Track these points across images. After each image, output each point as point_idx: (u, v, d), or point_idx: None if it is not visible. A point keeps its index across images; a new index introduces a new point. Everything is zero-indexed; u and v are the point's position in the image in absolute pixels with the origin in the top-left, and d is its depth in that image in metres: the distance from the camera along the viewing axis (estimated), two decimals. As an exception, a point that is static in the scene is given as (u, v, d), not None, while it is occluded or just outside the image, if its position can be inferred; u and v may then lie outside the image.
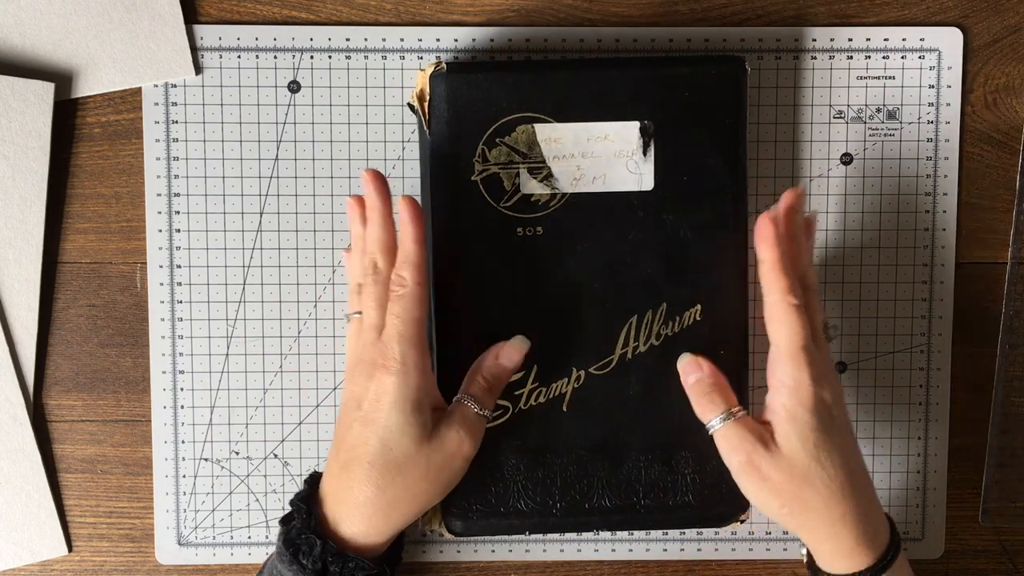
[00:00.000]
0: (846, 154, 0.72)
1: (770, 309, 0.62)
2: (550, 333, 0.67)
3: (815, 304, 0.63)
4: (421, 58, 0.71)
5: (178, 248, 0.71)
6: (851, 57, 0.71)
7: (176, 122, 0.71)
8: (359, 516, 0.62)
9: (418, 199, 0.65)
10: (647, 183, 0.67)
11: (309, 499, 0.63)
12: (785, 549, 0.74)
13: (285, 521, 0.63)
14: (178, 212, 0.71)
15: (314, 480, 0.65)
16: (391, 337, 0.61)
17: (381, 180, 0.64)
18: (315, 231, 0.71)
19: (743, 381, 0.69)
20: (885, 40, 0.71)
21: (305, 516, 0.62)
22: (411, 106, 0.68)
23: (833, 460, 0.61)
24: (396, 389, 0.61)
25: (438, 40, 0.71)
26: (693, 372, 0.65)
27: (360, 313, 0.64)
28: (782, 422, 0.61)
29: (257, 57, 0.71)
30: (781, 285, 0.61)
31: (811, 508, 0.62)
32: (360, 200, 0.66)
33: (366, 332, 0.63)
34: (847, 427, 0.63)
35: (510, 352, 0.65)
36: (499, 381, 0.65)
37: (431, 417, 0.62)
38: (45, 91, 0.69)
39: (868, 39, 0.71)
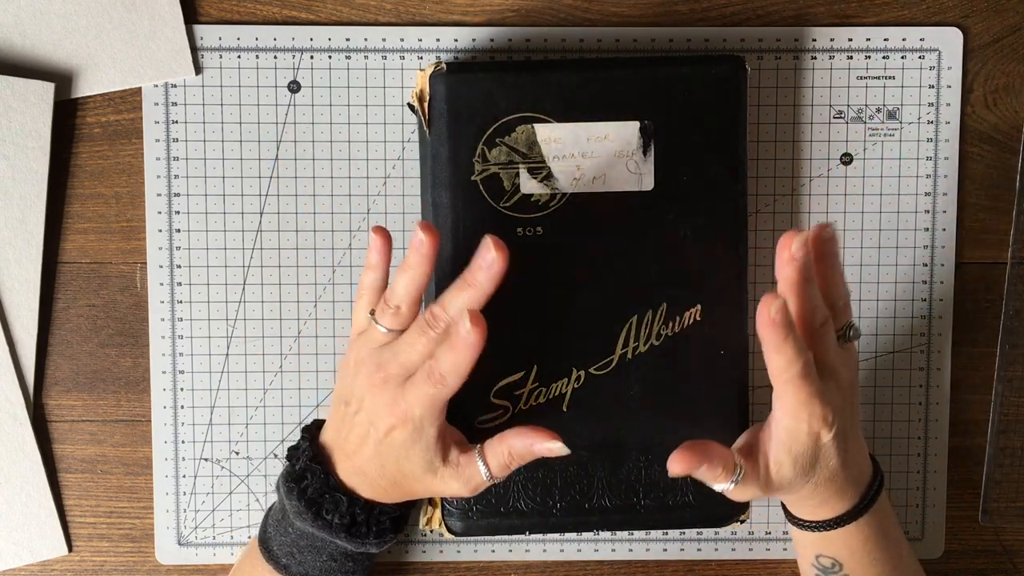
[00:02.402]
0: (846, 154, 0.72)
1: (774, 383, 0.60)
2: (550, 333, 0.67)
3: (828, 332, 0.61)
4: (421, 58, 0.71)
5: (178, 248, 0.71)
6: (851, 57, 0.71)
7: (176, 122, 0.71)
8: (376, 491, 0.64)
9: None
10: (647, 183, 0.67)
11: (321, 460, 0.65)
12: (785, 549, 0.74)
13: (296, 480, 0.64)
14: (178, 212, 0.71)
15: (312, 435, 0.66)
16: (415, 404, 0.61)
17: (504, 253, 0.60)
18: (315, 231, 0.71)
19: (743, 382, 0.69)
20: (885, 40, 0.71)
21: (323, 476, 0.64)
22: (411, 106, 0.68)
23: (823, 466, 0.61)
24: (408, 439, 0.62)
25: (438, 40, 0.71)
26: (692, 472, 0.60)
27: (378, 324, 0.63)
28: (776, 451, 0.61)
29: (257, 57, 0.71)
30: (778, 364, 0.58)
31: (794, 498, 0.64)
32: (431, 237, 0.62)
33: (393, 362, 0.62)
34: (848, 423, 0.62)
35: (545, 450, 0.62)
36: (522, 463, 0.63)
37: (442, 449, 0.63)
38: (45, 91, 0.69)
39: (868, 39, 0.71)
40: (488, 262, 0.60)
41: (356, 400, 0.63)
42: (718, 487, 0.61)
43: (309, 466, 0.64)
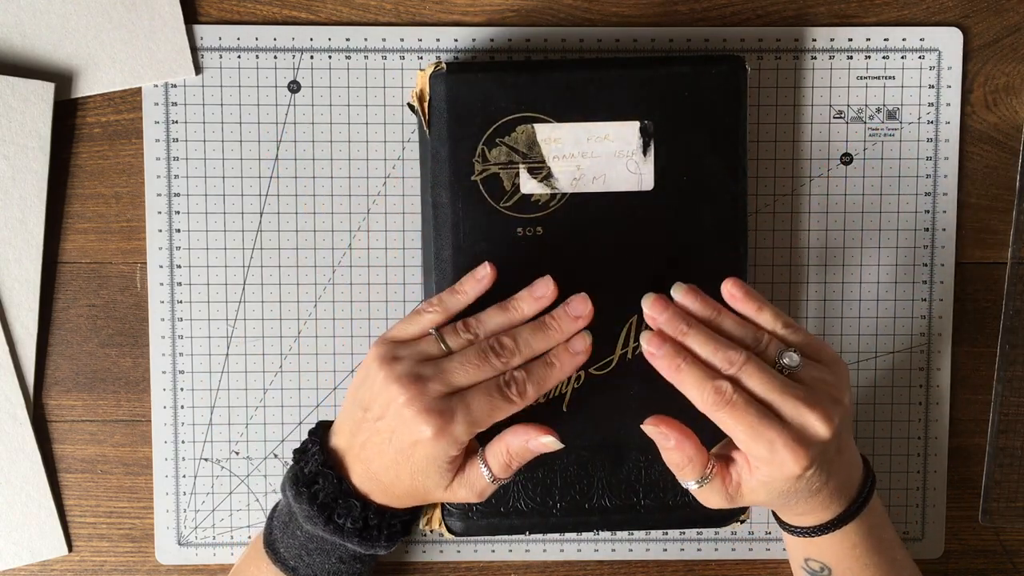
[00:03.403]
0: (846, 154, 0.72)
1: (711, 417, 0.60)
2: (550, 333, 0.67)
3: (754, 370, 0.60)
4: (421, 58, 0.71)
5: (178, 248, 0.71)
6: (851, 57, 0.71)
7: (176, 122, 0.71)
8: (385, 499, 0.64)
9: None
10: (647, 183, 0.67)
11: (332, 464, 0.64)
12: (785, 549, 0.74)
13: (307, 484, 0.64)
14: (178, 212, 0.71)
15: (321, 437, 0.65)
16: (464, 419, 0.60)
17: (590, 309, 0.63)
18: (315, 231, 0.71)
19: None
20: (885, 40, 0.71)
21: (335, 481, 0.64)
22: (411, 106, 0.68)
23: (805, 493, 0.61)
24: (437, 453, 0.61)
25: (438, 40, 0.71)
26: (661, 440, 0.62)
27: (444, 342, 0.62)
28: (750, 480, 0.61)
29: (257, 57, 0.71)
30: (690, 395, 0.60)
31: (778, 510, 0.65)
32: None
33: (436, 378, 0.61)
34: (832, 450, 0.60)
35: (540, 446, 0.62)
36: (521, 461, 0.63)
37: (456, 468, 0.63)
38: (45, 91, 0.69)
39: (868, 39, 0.71)
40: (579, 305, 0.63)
41: (379, 407, 0.61)
42: (683, 482, 0.62)
43: (321, 470, 0.64)
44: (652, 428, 0.61)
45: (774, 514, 0.67)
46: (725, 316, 0.62)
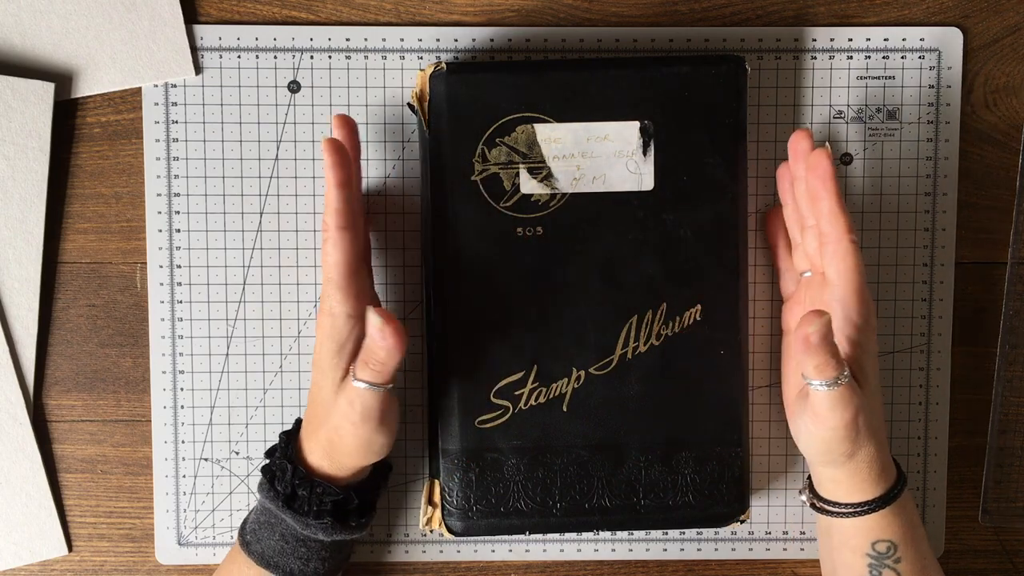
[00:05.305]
0: (846, 154, 0.72)
1: (833, 247, 0.63)
2: (550, 333, 0.67)
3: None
4: (421, 58, 0.71)
5: (178, 248, 0.71)
6: (851, 57, 0.71)
7: (176, 122, 0.71)
8: (316, 450, 0.65)
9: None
10: (647, 183, 0.67)
11: (293, 433, 0.68)
12: (785, 549, 0.74)
13: (270, 453, 0.68)
14: (178, 212, 0.71)
15: (299, 422, 0.69)
16: (324, 283, 0.63)
17: (340, 147, 0.62)
18: (315, 231, 0.71)
19: (743, 382, 0.69)
20: (885, 40, 0.71)
21: (283, 446, 0.67)
22: (411, 106, 0.68)
23: (878, 401, 0.64)
24: (322, 332, 0.63)
25: (438, 40, 0.71)
26: (815, 323, 0.59)
27: None
28: (862, 356, 0.64)
29: (257, 57, 0.71)
30: (843, 222, 0.64)
31: (857, 464, 0.64)
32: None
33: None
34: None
35: (382, 346, 0.61)
36: (384, 364, 0.62)
37: (346, 359, 0.63)
38: (45, 91, 0.69)
39: (868, 39, 0.71)
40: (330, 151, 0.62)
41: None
42: (819, 381, 0.60)
43: (280, 436, 0.67)
44: (816, 315, 0.59)
45: (836, 511, 0.65)
46: None
